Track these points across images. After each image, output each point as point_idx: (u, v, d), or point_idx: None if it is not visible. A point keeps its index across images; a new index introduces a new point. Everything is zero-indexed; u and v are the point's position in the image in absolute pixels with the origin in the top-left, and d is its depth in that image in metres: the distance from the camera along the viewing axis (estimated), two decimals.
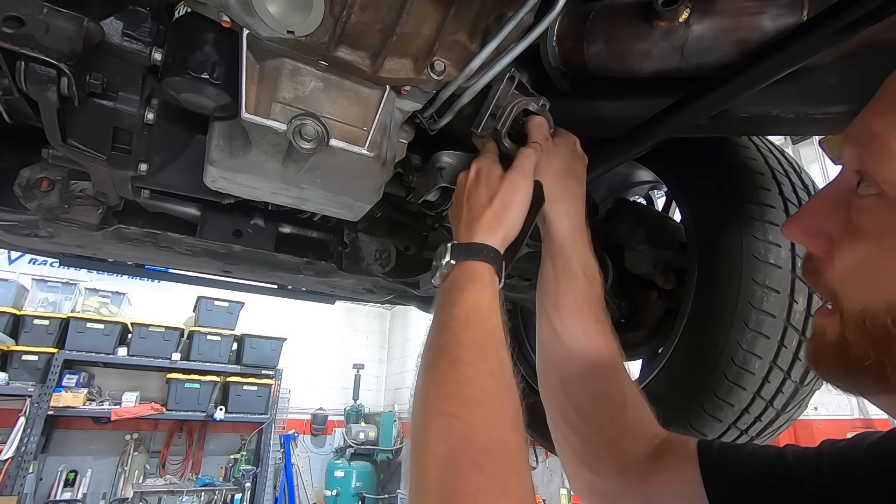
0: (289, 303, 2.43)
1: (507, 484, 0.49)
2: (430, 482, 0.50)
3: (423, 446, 0.53)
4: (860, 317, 0.38)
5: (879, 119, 0.39)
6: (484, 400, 0.55)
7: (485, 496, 0.47)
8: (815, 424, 3.56)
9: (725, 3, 0.71)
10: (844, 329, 0.40)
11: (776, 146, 1.11)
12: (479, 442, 0.51)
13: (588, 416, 0.73)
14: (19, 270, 4.88)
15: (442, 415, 0.53)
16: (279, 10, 0.68)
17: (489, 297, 0.65)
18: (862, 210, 0.40)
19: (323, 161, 0.85)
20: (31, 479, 4.28)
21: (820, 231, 0.43)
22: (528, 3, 0.74)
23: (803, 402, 1.03)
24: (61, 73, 0.70)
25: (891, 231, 0.37)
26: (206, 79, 0.76)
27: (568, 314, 0.77)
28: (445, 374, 0.57)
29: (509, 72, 0.86)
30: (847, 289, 0.40)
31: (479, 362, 0.57)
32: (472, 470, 0.48)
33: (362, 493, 5.62)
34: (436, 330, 0.63)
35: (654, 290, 1.21)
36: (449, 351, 0.59)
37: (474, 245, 0.70)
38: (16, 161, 1.03)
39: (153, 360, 4.82)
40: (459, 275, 0.67)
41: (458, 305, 0.63)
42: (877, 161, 0.38)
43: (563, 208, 0.81)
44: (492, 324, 0.62)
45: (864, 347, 0.38)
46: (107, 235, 1.15)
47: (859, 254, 0.39)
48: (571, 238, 0.80)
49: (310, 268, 1.35)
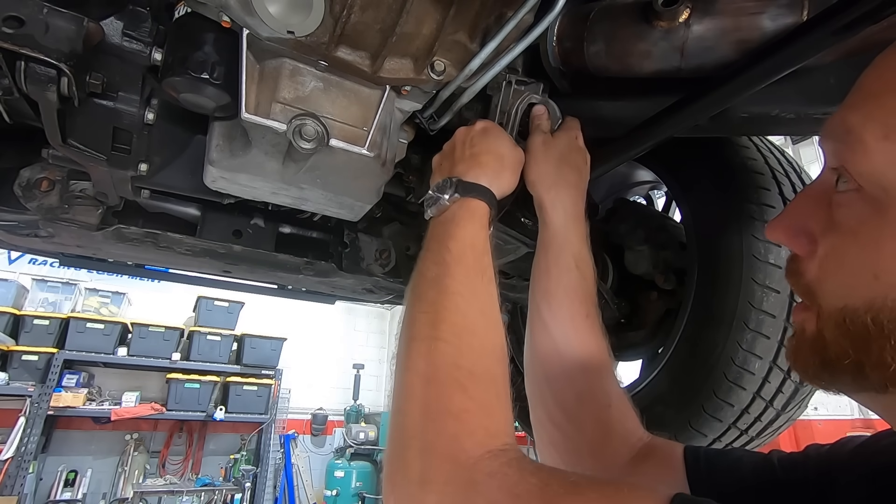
0: (289, 303, 2.42)
1: (490, 408, 0.50)
2: (414, 402, 0.51)
3: (410, 367, 0.53)
4: (840, 315, 0.38)
5: (853, 113, 0.38)
6: (473, 329, 0.56)
7: (468, 416, 0.48)
8: (815, 424, 3.56)
9: (725, 4, 0.71)
10: (822, 327, 0.39)
11: (776, 146, 1.11)
12: (465, 366, 0.52)
13: (572, 414, 0.72)
14: (19, 270, 4.87)
15: (430, 339, 0.54)
16: (279, 10, 0.68)
17: (484, 237, 0.66)
18: (840, 206, 0.39)
19: (323, 161, 0.85)
20: (31, 479, 4.27)
21: (802, 231, 0.43)
22: (527, 3, 0.74)
23: (803, 403, 1.03)
24: (61, 73, 0.70)
25: (869, 225, 0.36)
26: (206, 79, 0.76)
27: (559, 306, 0.76)
28: (436, 301, 0.57)
29: (505, 79, 0.86)
30: (826, 286, 0.40)
31: (471, 296, 0.58)
32: (458, 391, 0.49)
33: (362, 493, 5.61)
34: (428, 262, 0.63)
35: (654, 290, 1.21)
36: (441, 281, 0.59)
37: (480, 186, 0.71)
38: (16, 161, 1.03)
39: (153, 360, 4.81)
40: (459, 210, 0.68)
41: (454, 240, 0.63)
42: (852, 155, 0.37)
43: (558, 197, 0.81)
44: (485, 262, 0.63)
45: (843, 346, 0.37)
46: (107, 235, 1.15)
47: (838, 250, 0.39)
48: (565, 228, 0.80)
49: (310, 268, 1.35)
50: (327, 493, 5.60)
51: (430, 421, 0.48)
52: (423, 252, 0.66)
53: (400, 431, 0.51)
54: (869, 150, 0.36)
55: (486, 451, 0.45)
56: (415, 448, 0.48)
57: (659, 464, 0.63)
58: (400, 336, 0.59)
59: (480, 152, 0.75)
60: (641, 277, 1.21)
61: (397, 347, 0.59)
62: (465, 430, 0.47)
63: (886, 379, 0.35)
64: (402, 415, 0.51)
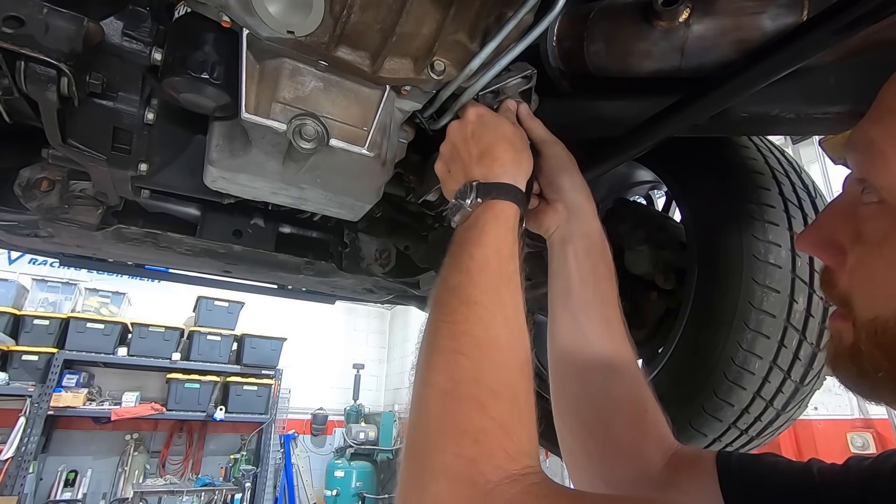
0: (289, 303, 2.42)
1: (511, 428, 0.47)
2: (430, 418, 0.48)
3: (427, 381, 0.51)
4: (871, 326, 0.38)
5: (875, 126, 0.38)
6: (495, 343, 0.52)
7: (486, 437, 0.45)
8: (815, 424, 3.55)
9: (725, 3, 0.71)
10: (858, 338, 0.39)
11: (776, 146, 1.11)
12: (485, 382, 0.49)
13: (609, 422, 0.69)
14: (19, 270, 4.88)
15: (450, 352, 0.51)
16: (279, 10, 0.68)
17: (511, 241, 0.62)
18: (865, 218, 0.39)
19: (323, 161, 0.85)
20: (31, 479, 4.28)
21: (831, 242, 0.43)
22: (528, 2, 0.74)
23: (803, 402, 1.03)
24: (61, 73, 0.70)
25: (892, 238, 0.37)
26: (206, 79, 0.76)
27: (594, 310, 0.73)
28: (457, 312, 0.54)
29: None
30: (857, 298, 0.40)
31: (494, 306, 0.55)
32: (476, 409, 0.47)
33: (362, 493, 5.61)
34: (451, 269, 0.59)
35: (654, 290, 1.21)
36: (463, 290, 0.56)
37: (502, 185, 0.66)
38: (16, 161, 1.03)
39: (153, 360, 4.81)
40: (484, 214, 0.64)
41: (479, 246, 0.60)
42: (874, 168, 0.38)
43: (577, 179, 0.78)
44: (511, 268, 0.60)
45: (878, 357, 0.37)
46: (107, 235, 1.15)
47: (865, 262, 0.39)
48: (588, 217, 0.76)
49: (310, 268, 1.35)
50: (327, 493, 5.61)
51: (447, 441, 0.46)
52: (446, 258, 0.62)
53: (415, 449, 0.48)
54: (889, 163, 0.36)
55: (505, 475, 0.43)
56: (430, 469, 0.45)
57: (691, 471, 0.61)
58: (420, 346, 0.55)
59: (491, 145, 0.71)
60: (641, 277, 1.21)
61: (416, 357, 0.55)
62: (483, 452, 0.44)
63: None
64: (418, 431, 0.49)
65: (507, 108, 0.84)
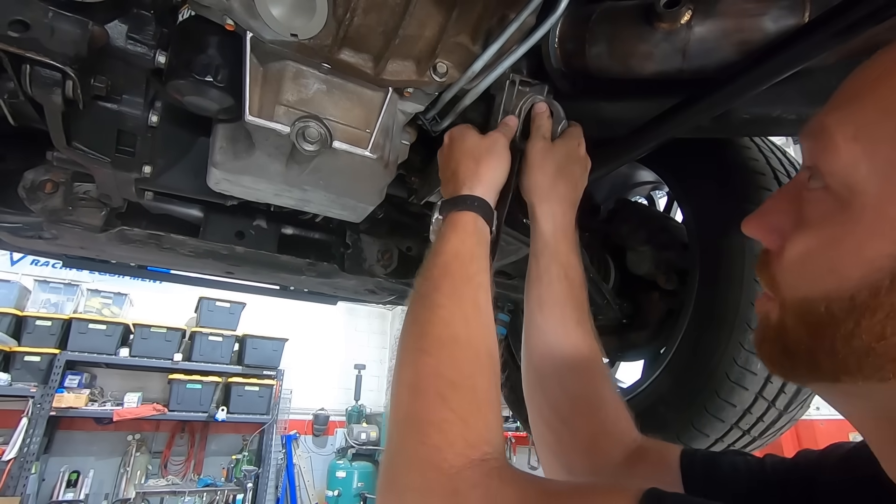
0: (290, 303, 2.42)
1: (469, 418, 0.51)
2: (401, 412, 0.54)
3: (398, 379, 0.57)
4: (799, 305, 0.39)
5: (831, 114, 0.39)
6: (455, 340, 0.58)
7: (449, 426, 0.50)
8: (818, 424, 3.55)
9: (727, 5, 0.71)
10: (784, 316, 0.41)
11: (778, 146, 1.11)
12: (446, 376, 0.54)
13: (565, 416, 0.74)
14: (21, 271, 4.88)
15: (416, 351, 0.58)
16: (283, 13, 0.68)
17: (471, 244, 0.68)
18: (809, 203, 0.40)
19: (326, 163, 0.86)
20: (33, 479, 4.28)
21: (775, 227, 0.44)
22: (530, 5, 0.75)
23: (805, 403, 1.03)
24: (66, 76, 0.71)
25: (831, 222, 0.38)
26: (209, 81, 0.76)
27: (550, 312, 0.78)
28: (422, 315, 0.61)
29: (508, 78, 0.86)
30: (789, 278, 0.41)
31: (455, 306, 0.61)
32: (438, 401, 0.52)
33: (364, 493, 5.60)
34: (420, 279, 0.66)
35: (655, 291, 1.21)
36: (429, 296, 0.62)
37: (459, 197, 0.74)
38: (20, 163, 1.04)
39: (155, 360, 4.81)
40: (444, 226, 0.71)
41: (439, 254, 0.66)
42: (823, 154, 0.39)
43: (549, 209, 0.82)
44: (472, 269, 0.65)
45: (800, 333, 0.39)
46: (110, 237, 1.15)
47: (802, 245, 0.40)
48: (554, 240, 0.81)
49: (312, 269, 1.35)
50: (329, 494, 5.60)
51: (414, 431, 0.51)
52: (418, 272, 0.68)
53: (389, 439, 0.53)
54: (838, 149, 0.37)
55: (467, 461, 0.47)
56: (400, 457, 0.51)
57: (654, 465, 0.64)
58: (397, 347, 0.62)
59: (456, 162, 0.78)
60: (643, 278, 1.22)
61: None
62: (445, 440, 0.49)
63: (837, 367, 0.36)
64: (392, 423, 0.54)
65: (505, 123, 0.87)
